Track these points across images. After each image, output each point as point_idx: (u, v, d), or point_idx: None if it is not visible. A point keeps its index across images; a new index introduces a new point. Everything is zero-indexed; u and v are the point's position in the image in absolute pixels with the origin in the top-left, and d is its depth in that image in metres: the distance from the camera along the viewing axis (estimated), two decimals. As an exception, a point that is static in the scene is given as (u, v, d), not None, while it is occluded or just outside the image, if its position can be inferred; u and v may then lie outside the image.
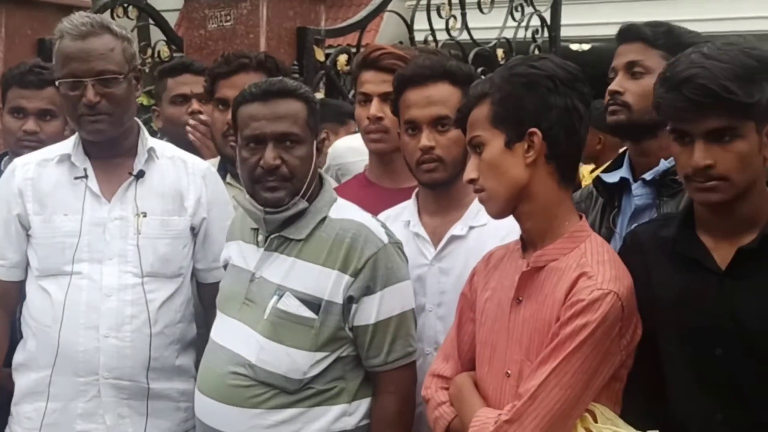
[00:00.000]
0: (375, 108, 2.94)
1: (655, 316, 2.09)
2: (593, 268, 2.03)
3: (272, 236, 2.46)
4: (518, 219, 2.16)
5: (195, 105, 3.57)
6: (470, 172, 2.16)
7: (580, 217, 2.19)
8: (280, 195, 2.41)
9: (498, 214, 2.18)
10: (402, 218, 2.69)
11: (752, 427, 1.98)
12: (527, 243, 2.19)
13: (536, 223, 2.14)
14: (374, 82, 2.97)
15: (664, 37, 2.49)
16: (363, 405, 2.46)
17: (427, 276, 2.59)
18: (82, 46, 2.62)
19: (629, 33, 2.55)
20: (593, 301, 1.99)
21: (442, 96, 2.54)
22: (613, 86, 2.51)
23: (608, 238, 2.45)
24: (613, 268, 2.05)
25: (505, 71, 2.16)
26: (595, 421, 2.03)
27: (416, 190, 2.70)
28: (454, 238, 2.58)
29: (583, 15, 10.66)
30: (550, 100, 2.08)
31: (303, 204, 2.43)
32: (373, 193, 2.97)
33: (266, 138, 2.40)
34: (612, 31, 2.71)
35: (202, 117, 3.46)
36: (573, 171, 2.18)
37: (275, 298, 2.41)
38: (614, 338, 2.01)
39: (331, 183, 2.61)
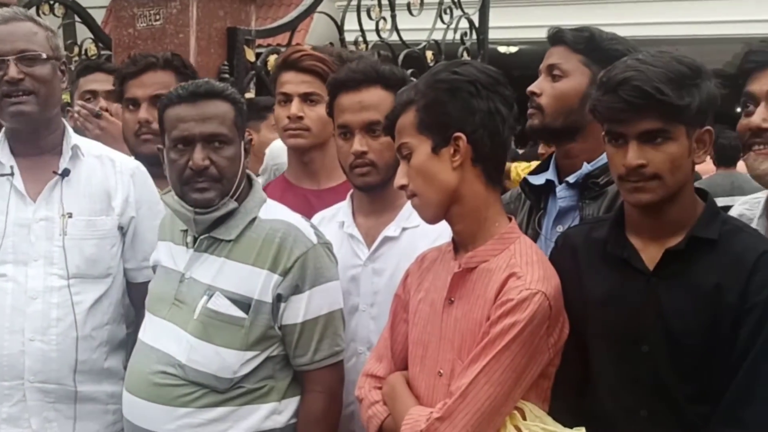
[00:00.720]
0: (296, 107, 2.98)
1: (585, 315, 2.14)
2: (522, 269, 2.07)
3: (202, 237, 2.46)
4: (449, 222, 2.20)
5: (102, 102, 3.57)
6: (400, 178, 2.19)
7: (510, 219, 2.23)
8: (209, 196, 2.40)
9: (431, 220, 2.22)
10: (337, 219, 2.72)
11: (675, 423, 2.04)
12: (459, 245, 2.22)
13: (467, 225, 2.17)
14: (294, 82, 3.01)
15: (585, 43, 2.53)
16: (292, 404, 2.47)
17: (360, 276, 2.62)
18: (4, 29, 2.60)
19: (554, 36, 2.59)
20: (522, 301, 2.03)
21: (374, 101, 2.56)
22: (532, 87, 2.57)
23: (534, 239, 2.49)
24: (542, 269, 2.09)
25: (429, 78, 2.19)
26: (524, 418, 2.07)
27: (351, 191, 2.72)
28: (387, 239, 2.60)
29: (511, 18, 10.79)
30: (473, 105, 2.12)
31: (233, 204, 2.43)
32: (293, 194, 3.01)
33: (194, 139, 2.39)
34: (539, 34, 2.77)
35: (108, 115, 3.45)
36: (499, 172, 2.22)
37: (205, 298, 2.41)
38: (542, 337, 2.06)
39: (259, 183, 2.61)
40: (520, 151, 8.38)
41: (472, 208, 2.16)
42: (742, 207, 2.43)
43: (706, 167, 6.80)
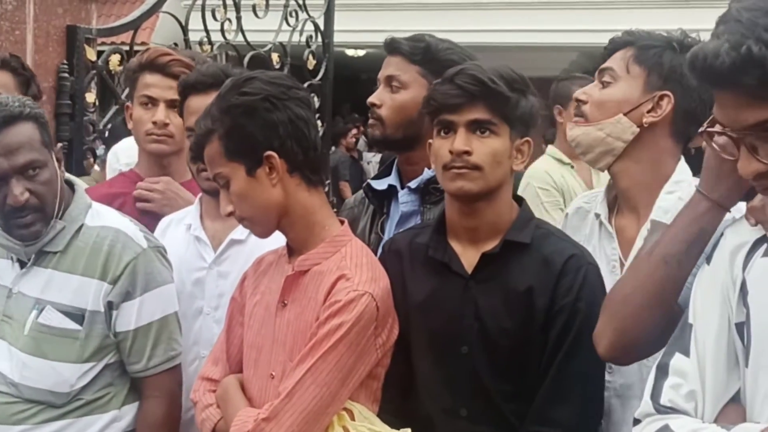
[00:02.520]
0: (162, 114, 2.98)
1: (409, 318, 2.21)
2: (351, 271, 2.11)
3: None
4: (282, 231, 2.23)
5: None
6: (225, 206, 2.20)
7: (342, 222, 2.27)
8: (35, 228, 2.34)
9: (264, 236, 2.24)
10: (185, 222, 2.71)
11: (493, 421, 2.12)
12: (293, 249, 2.25)
13: (297, 232, 2.21)
14: (161, 87, 2.99)
15: (422, 53, 2.57)
16: (132, 410, 2.45)
17: (205, 279, 2.62)
18: None
19: (392, 46, 2.63)
20: (349, 302, 2.06)
21: None
22: (372, 98, 2.61)
23: (377, 243, 2.54)
24: (371, 271, 2.14)
25: (221, 103, 2.18)
26: (353, 419, 2.11)
27: (200, 195, 2.72)
28: (233, 242, 2.61)
29: (358, 22, 10.89)
30: (273, 120, 2.13)
31: (60, 225, 2.37)
32: None
33: (8, 174, 2.28)
34: (379, 38, 2.80)
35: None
36: (317, 173, 2.24)
37: (35, 312, 2.36)
38: (370, 337, 2.10)
39: (82, 188, 2.54)
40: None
41: (300, 216, 2.19)
42: (581, 200, 2.55)
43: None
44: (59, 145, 2.49)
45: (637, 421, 1.75)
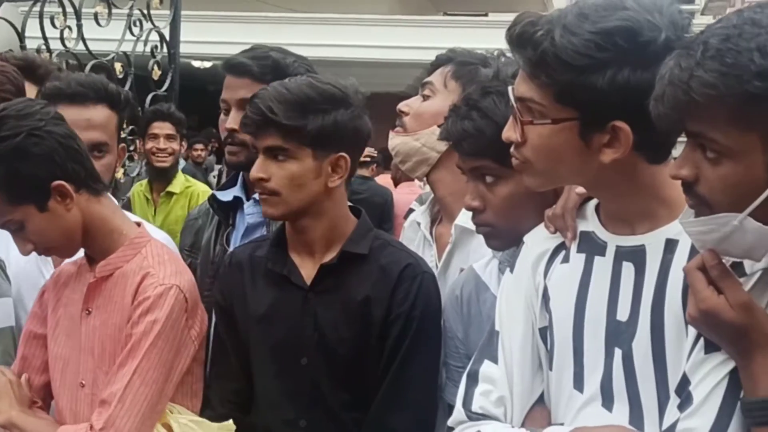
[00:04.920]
0: None
1: (250, 331, 2.21)
2: (155, 268, 2.11)
3: None
4: (83, 246, 2.19)
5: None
6: (25, 247, 2.13)
7: (138, 224, 2.26)
8: None
9: (71, 255, 2.22)
10: None
11: (332, 429, 2.14)
12: (92, 258, 2.22)
13: (99, 243, 2.17)
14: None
15: (272, 72, 2.50)
16: None
17: None
18: None
19: (237, 68, 2.55)
20: (158, 297, 2.06)
21: (101, 120, 2.53)
22: (229, 124, 2.52)
23: (223, 255, 2.52)
24: (173, 265, 2.15)
25: None
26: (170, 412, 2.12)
27: None
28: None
29: (205, 33, 10.79)
30: (45, 151, 2.06)
31: None
32: None
33: None
34: (233, 50, 2.73)
35: None
36: (99, 180, 2.20)
37: None
38: (183, 329, 2.10)
39: None
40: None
41: (98, 228, 2.16)
42: (416, 213, 2.63)
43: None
44: None
45: (450, 429, 1.81)
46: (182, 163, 5.34)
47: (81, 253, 2.24)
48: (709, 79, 1.30)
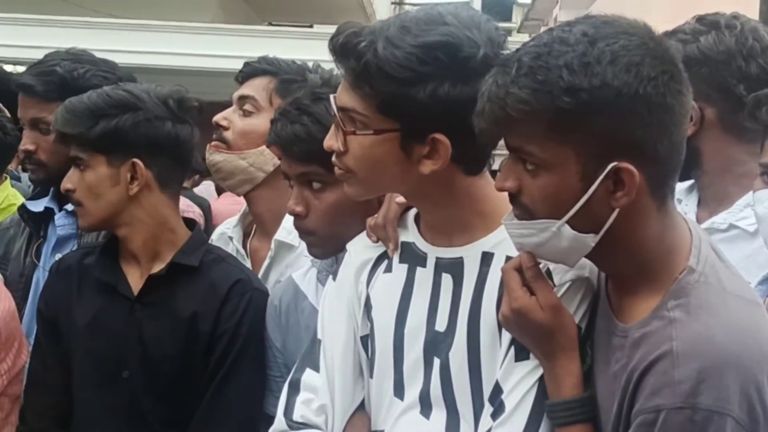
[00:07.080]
0: None
1: (73, 341, 2.15)
2: None
3: None
4: None
5: None
6: None
7: None
8: None
9: None
10: None
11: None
12: None
13: None
14: None
15: (58, 90, 2.45)
16: None
17: None
18: None
19: (23, 88, 2.51)
20: None
21: None
22: (23, 145, 2.50)
23: (33, 270, 2.45)
24: None
25: None
26: None
27: None
28: None
29: (17, 37, 10.36)
30: None
31: None
32: None
33: None
34: (40, 54, 2.64)
35: None
36: None
37: None
38: None
39: None
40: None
41: None
42: (224, 227, 2.61)
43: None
44: None
45: None
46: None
47: None
48: (523, 95, 1.36)
